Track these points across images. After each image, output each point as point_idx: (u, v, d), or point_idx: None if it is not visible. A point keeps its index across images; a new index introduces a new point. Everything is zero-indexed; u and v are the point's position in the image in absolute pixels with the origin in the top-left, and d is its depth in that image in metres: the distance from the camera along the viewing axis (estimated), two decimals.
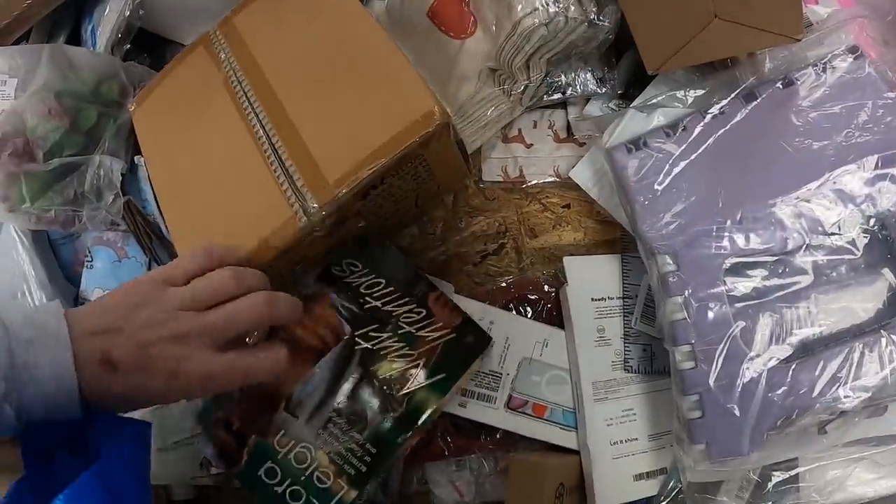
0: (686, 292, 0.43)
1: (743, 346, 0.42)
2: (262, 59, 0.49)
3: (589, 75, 0.53)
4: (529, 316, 0.51)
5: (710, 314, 0.43)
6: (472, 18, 0.53)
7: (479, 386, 0.48)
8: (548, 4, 0.46)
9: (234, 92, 0.48)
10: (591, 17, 0.47)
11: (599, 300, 0.50)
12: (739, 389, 0.42)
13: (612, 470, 0.47)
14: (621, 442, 0.48)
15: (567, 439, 0.49)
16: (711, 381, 0.42)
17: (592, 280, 0.50)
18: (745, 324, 0.43)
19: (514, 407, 0.48)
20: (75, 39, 0.56)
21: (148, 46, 0.57)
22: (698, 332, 0.43)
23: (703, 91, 0.50)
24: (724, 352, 0.42)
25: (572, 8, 0.46)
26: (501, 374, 0.49)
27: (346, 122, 0.45)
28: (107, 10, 0.52)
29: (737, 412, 0.41)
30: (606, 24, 0.47)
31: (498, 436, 0.49)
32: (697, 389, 0.42)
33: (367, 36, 0.47)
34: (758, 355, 0.42)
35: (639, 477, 0.48)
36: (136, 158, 0.52)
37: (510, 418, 0.48)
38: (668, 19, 0.46)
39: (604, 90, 0.53)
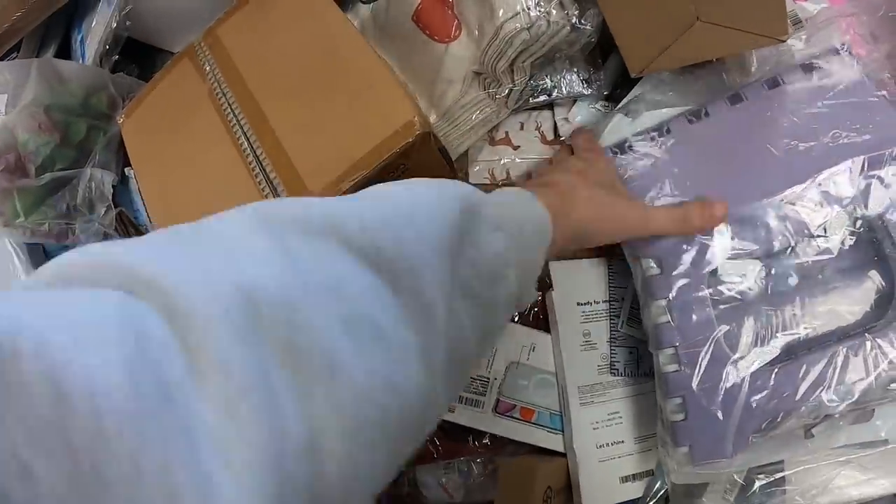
0: (670, 295, 0.44)
1: (727, 350, 0.42)
2: (246, 70, 0.49)
3: (574, 77, 0.53)
4: (516, 320, 0.51)
5: (694, 317, 0.43)
6: (457, 22, 0.53)
7: (466, 391, 0.49)
8: (529, 8, 0.46)
9: (218, 103, 0.49)
10: (573, 21, 0.46)
11: (585, 304, 0.50)
12: (722, 392, 0.42)
13: (599, 472, 0.48)
14: (607, 445, 0.49)
15: (554, 442, 0.49)
16: (695, 384, 0.42)
17: (578, 284, 0.50)
18: (729, 327, 0.43)
19: (501, 411, 0.49)
20: (65, 50, 0.57)
21: (137, 55, 0.58)
22: (682, 335, 0.43)
23: (690, 93, 0.50)
24: (708, 355, 0.42)
25: (554, 12, 0.46)
26: (489, 378, 0.49)
27: (327, 133, 0.45)
28: (94, 22, 0.53)
29: (720, 415, 0.42)
30: (588, 27, 0.47)
31: (486, 439, 0.50)
32: (681, 392, 0.42)
33: (349, 46, 0.47)
34: (741, 358, 0.42)
35: (625, 479, 0.48)
36: (126, 170, 0.53)
37: (498, 422, 0.49)
38: (650, 22, 0.45)
39: (590, 91, 0.53)
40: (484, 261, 0.27)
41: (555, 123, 0.55)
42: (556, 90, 0.53)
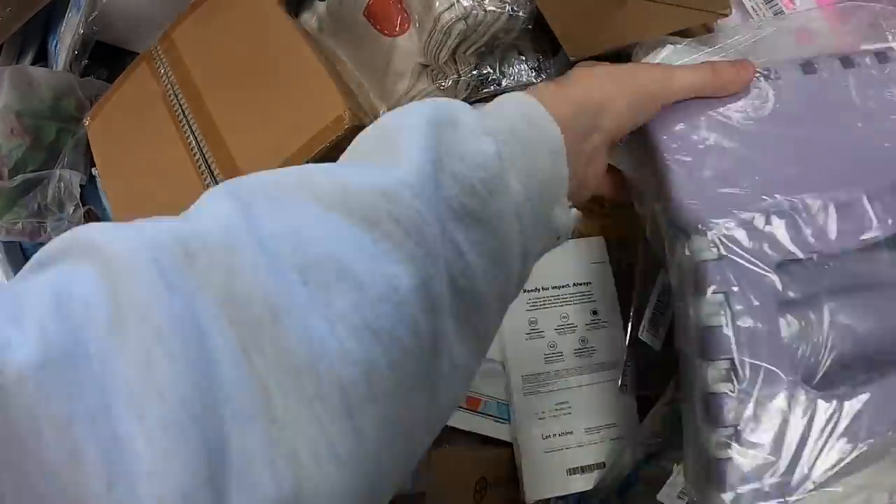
0: (730, 291, 0.34)
1: (794, 366, 0.34)
2: (196, 72, 0.52)
3: (523, 66, 0.53)
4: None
5: (757, 324, 0.33)
6: (405, 16, 0.54)
7: None
8: None
9: (170, 105, 0.52)
10: (508, 9, 0.47)
11: (532, 291, 0.50)
12: (790, 424, 0.33)
13: (544, 464, 0.48)
14: (554, 436, 0.49)
15: (501, 432, 0.50)
16: (754, 412, 0.33)
17: None
18: (798, 340, 0.35)
19: None
20: (43, 55, 0.61)
21: (108, 58, 0.61)
22: (740, 346, 0.33)
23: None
24: (772, 374, 0.33)
25: (487, 1, 0.47)
26: None
27: (266, 131, 0.48)
28: (62, 28, 0.57)
29: (781, 452, 0.33)
30: (521, 14, 0.47)
31: None
32: (732, 422, 0.33)
33: (288, 45, 0.49)
34: (812, 378, 0.34)
35: (573, 471, 0.49)
36: (93, 170, 0.56)
37: None
38: (581, 3, 0.45)
39: (539, 80, 0.53)
40: (471, 172, 0.24)
41: None
42: (504, 79, 0.53)
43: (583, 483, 0.49)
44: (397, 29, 0.54)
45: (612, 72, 0.33)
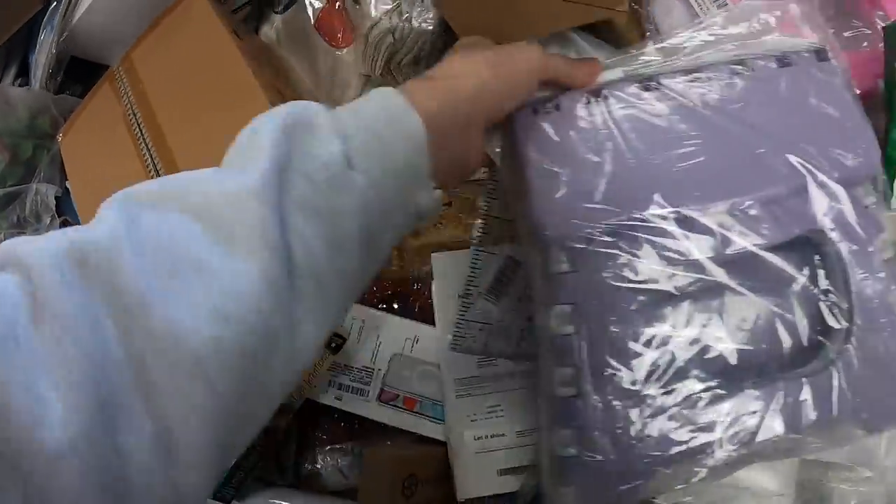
0: (578, 302, 0.36)
1: (642, 376, 0.35)
2: (152, 92, 0.56)
3: None
4: (402, 312, 0.55)
5: (607, 333, 0.35)
6: (349, 29, 0.57)
7: (352, 381, 0.54)
8: (384, 17, 0.49)
9: (129, 124, 0.56)
10: (426, 22, 0.49)
11: (465, 297, 0.53)
12: (628, 428, 0.34)
13: (475, 464, 0.51)
14: (486, 437, 0.52)
15: (437, 431, 0.53)
16: (594, 415, 0.35)
17: (457, 276, 0.53)
18: (651, 348, 0.35)
19: (385, 400, 0.54)
20: (25, 70, 0.66)
21: (83, 73, 0.66)
22: (589, 353, 0.35)
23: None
24: (616, 380, 0.35)
25: (405, 15, 0.49)
26: (373, 369, 0.54)
27: (207, 150, 0.50)
28: (37, 48, 0.62)
29: (619, 454, 0.34)
30: (430, 27, 0.49)
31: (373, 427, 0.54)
32: (575, 423, 0.35)
33: (230, 66, 0.53)
34: (661, 387, 0.35)
35: (504, 472, 0.51)
36: (66, 183, 0.62)
37: (382, 410, 0.54)
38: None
39: None
40: (316, 173, 0.28)
41: None
42: None
43: (514, 483, 0.51)
44: (342, 41, 0.57)
45: (490, 56, 0.35)
